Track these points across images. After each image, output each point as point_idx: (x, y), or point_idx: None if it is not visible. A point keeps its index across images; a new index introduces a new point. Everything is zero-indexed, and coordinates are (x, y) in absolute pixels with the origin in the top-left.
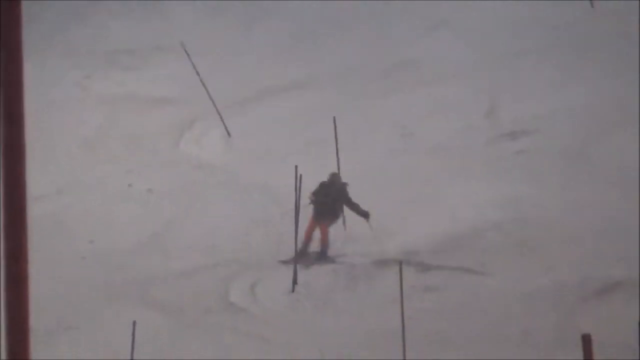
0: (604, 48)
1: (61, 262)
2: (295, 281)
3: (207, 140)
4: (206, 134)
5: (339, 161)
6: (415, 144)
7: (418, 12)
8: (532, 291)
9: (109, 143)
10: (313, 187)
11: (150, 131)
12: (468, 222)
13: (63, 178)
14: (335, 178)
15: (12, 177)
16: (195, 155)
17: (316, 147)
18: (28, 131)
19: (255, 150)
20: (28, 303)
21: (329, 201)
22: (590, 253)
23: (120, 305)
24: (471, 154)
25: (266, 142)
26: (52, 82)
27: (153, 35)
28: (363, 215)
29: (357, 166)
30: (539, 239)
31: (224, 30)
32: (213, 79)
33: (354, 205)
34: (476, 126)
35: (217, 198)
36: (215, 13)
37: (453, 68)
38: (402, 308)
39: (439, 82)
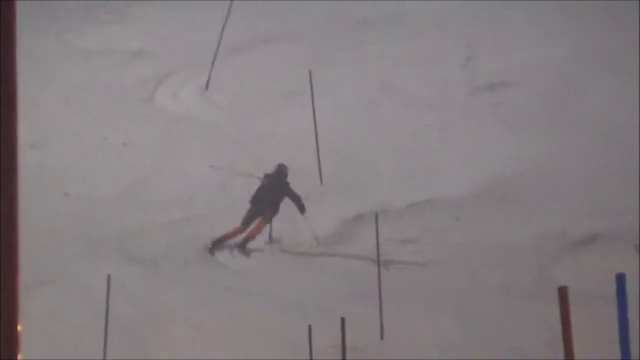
0: None
1: (36, 216)
2: (270, 236)
3: (184, 93)
4: (182, 87)
5: (315, 114)
6: (393, 96)
7: None
8: (511, 243)
9: (85, 96)
10: (290, 138)
11: (126, 84)
12: (446, 174)
13: (39, 131)
14: (282, 168)
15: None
16: (171, 108)
17: (292, 100)
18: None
19: (231, 103)
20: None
21: (272, 197)
22: (569, 205)
23: (96, 258)
24: (450, 106)
25: (242, 96)
26: (29, 37)
27: None
28: (300, 209)
29: (335, 119)
30: (518, 192)
31: None
32: (188, 33)
33: (296, 198)
34: (455, 78)
35: (194, 151)
36: None
37: (432, 20)
38: (379, 260)
39: (419, 34)
